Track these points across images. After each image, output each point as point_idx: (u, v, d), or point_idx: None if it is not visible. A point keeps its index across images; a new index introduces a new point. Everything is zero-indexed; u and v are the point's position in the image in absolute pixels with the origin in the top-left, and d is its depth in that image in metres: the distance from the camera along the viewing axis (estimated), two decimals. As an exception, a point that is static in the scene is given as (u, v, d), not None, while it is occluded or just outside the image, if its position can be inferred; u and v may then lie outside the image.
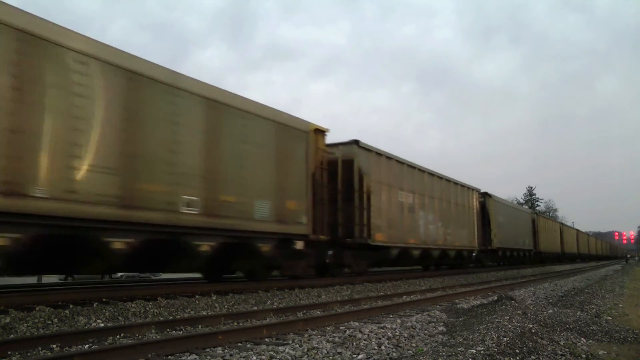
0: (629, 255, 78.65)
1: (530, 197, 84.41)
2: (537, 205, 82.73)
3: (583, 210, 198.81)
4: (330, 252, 13.94)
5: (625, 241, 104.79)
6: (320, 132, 13.15)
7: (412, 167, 17.90)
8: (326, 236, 12.81)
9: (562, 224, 54.68)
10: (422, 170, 18.73)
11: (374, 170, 15.14)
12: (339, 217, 13.76)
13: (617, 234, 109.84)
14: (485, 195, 25.86)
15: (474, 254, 24.18)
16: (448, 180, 21.13)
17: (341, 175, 14.08)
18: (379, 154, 15.68)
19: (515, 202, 59.25)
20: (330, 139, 13.85)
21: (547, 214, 76.01)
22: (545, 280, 17.87)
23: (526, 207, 63.60)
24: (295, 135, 12.24)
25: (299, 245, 12.13)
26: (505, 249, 28.03)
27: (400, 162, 17.10)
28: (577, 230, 61.33)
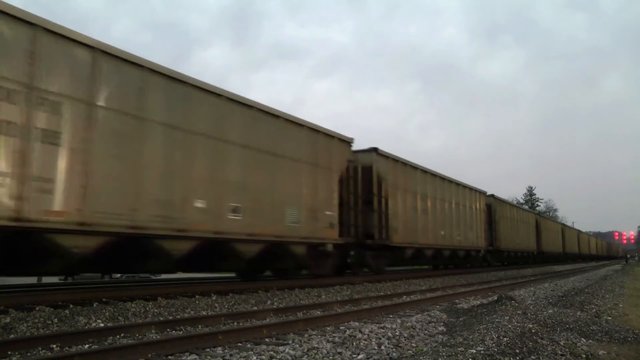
0: (629, 255, 78.59)
1: (531, 197, 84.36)
2: (537, 205, 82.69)
3: (583, 210, 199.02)
4: (352, 253, 15.32)
5: (625, 241, 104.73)
6: (346, 142, 14.92)
7: (425, 171, 19.50)
8: (352, 239, 14.72)
9: (563, 224, 55.66)
10: (434, 175, 20.28)
11: (391, 176, 16.72)
12: (359, 219, 15.11)
13: (617, 234, 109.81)
14: (491, 197, 27.32)
15: (480, 254, 25.77)
16: (458, 183, 22.81)
17: (361, 180, 15.32)
18: (395, 160, 17.22)
19: (516, 202, 59.15)
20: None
21: (547, 214, 75.98)
22: (545, 280, 17.87)
23: (526, 206, 63.57)
24: (326, 145, 13.77)
25: (329, 247, 13.50)
26: (510, 250, 29.20)
27: (414, 167, 18.66)
28: (578, 230, 62.35)
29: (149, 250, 9.07)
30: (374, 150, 15.96)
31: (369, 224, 15.48)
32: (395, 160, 17.16)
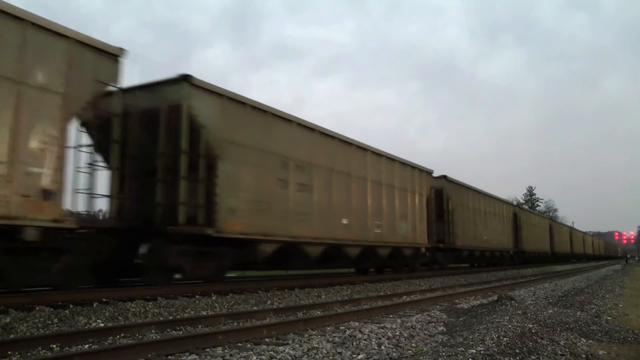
0: (629, 255, 78.55)
1: (530, 197, 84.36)
2: (537, 206, 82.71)
3: (583, 210, 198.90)
4: (427, 254, 19.22)
5: (625, 241, 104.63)
6: (429, 172, 19.28)
7: (475, 190, 24.99)
8: (434, 244, 18.68)
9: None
10: (479, 192, 25.61)
11: (455, 195, 21.57)
12: (433, 228, 19.20)
13: (617, 234, 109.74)
14: (516, 207, 27.93)
15: (509, 254, 29.74)
16: (491, 197, 27.82)
17: (434, 199, 19.61)
18: (458, 184, 22.69)
19: (515, 202, 57.36)
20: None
21: (547, 213, 75.86)
22: (545, 280, 17.88)
23: (526, 206, 62.63)
24: (418, 176, 18.64)
25: (423, 250, 18.75)
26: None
27: (469, 187, 24.08)
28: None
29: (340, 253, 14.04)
30: (444, 177, 21.57)
31: (440, 232, 20.68)
32: (457, 183, 22.72)
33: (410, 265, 18.95)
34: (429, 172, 19.57)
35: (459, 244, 21.84)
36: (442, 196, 21.45)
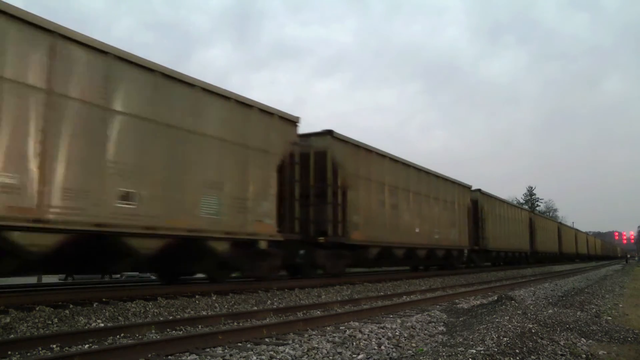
0: (629, 255, 78.55)
1: (530, 197, 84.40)
2: (537, 206, 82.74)
3: (583, 210, 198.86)
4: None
5: (625, 241, 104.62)
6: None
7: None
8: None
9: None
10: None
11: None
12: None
13: (617, 234, 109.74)
14: (477, 192, 25.85)
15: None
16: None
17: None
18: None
19: (515, 202, 58.71)
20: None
21: (547, 214, 75.93)
22: (545, 280, 17.88)
23: (526, 206, 63.22)
24: (461, 190, 22.76)
25: (465, 251, 22.96)
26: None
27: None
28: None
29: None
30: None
31: (475, 236, 22.96)
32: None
33: (456, 263, 22.75)
34: (468, 187, 24.19)
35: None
36: (477, 206, 25.37)
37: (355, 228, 14.36)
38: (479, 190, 26.14)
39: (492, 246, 26.60)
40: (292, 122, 12.75)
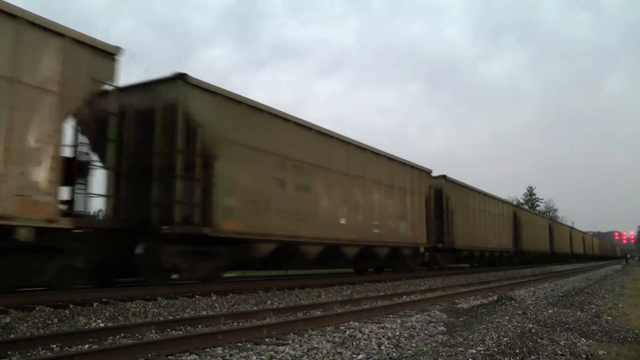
0: (629, 255, 78.54)
1: (530, 197, 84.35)
2: (537, 206, 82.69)
3: (583, 210, 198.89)
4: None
5: (625, 241, 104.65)
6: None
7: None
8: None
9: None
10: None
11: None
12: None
13: (617, 234, 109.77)
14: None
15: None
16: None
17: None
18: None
19: (515, 202, 57.33)
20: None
21: (547, 214, 75.83)
22: (545, 280, 17.88)
23: (525, 206, 62.57)
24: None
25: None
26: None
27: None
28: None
29: None
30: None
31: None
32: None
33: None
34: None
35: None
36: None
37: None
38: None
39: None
40: (429, 172, 19.02)
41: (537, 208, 78.96)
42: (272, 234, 11.27)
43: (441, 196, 21.01)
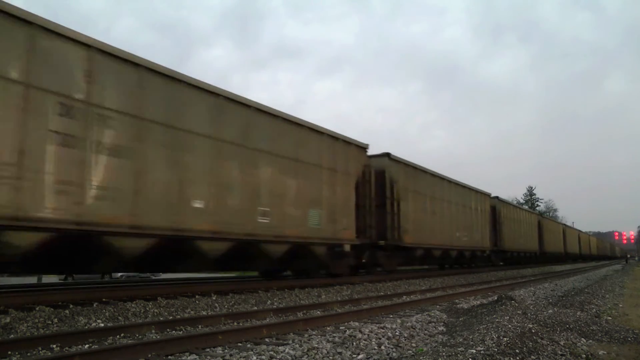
0: (629, 255, 78.55)
1: (530, 197, 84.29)
2: (537, 206, 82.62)
3: (583, 210, 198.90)
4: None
5: (625, 241, 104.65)
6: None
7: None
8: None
9: (564, 225, 54.02)
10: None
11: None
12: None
13: (617, 234, 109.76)
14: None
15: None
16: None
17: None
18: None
19: (515, 202, 58.82)
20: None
21: (547, 214, 75.85)
22: (545, 280, 17.87)
23: (525, 206, 63.20)
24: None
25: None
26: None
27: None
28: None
29: None
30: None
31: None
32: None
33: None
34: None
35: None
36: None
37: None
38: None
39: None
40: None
41: (537, 208, 78.88)
42: (424, 242, 18.95)
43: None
